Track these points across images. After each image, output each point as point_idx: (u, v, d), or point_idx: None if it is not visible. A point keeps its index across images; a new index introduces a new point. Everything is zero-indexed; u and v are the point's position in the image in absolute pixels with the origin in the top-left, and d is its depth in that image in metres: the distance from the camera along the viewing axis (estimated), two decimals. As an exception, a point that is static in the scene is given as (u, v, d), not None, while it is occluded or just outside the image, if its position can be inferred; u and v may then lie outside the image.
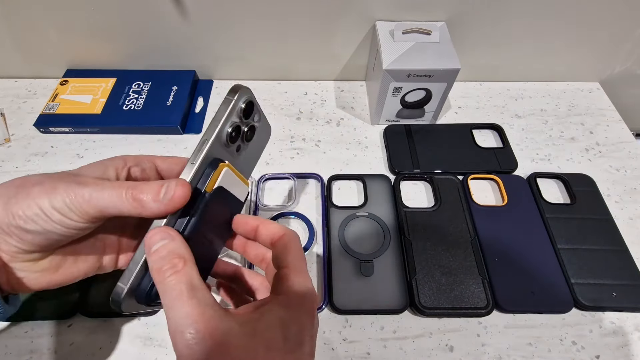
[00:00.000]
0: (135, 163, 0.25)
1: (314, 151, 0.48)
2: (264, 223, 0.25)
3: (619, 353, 0.34)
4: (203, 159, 0.21)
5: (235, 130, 0.23)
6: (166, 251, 0.20)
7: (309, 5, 0.46)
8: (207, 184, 0.22)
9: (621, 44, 0.51)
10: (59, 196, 0.20)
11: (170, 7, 0.46)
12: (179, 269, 0.19)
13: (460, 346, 0.34)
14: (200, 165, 0.21)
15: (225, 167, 0.23)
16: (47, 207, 0.20)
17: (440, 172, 0.45)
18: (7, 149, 0.47)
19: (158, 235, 0.20)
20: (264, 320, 0.20)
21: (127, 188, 0.20)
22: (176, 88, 0.51)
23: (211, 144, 0.22)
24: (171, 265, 0.19)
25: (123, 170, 0.24)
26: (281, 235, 0.24)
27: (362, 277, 0.37)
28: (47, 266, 0.23)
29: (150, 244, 0.20)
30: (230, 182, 0.23)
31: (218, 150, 0.23)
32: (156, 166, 0.26)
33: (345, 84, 0.56)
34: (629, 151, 0.48)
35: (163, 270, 0.19)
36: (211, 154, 0.22)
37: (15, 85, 0.54)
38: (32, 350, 0.33)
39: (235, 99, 0.22)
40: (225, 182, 0.23)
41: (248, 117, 0.24)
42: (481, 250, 0.38)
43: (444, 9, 0.46)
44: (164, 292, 0.19)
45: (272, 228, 0.25)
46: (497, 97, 0.54)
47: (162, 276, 0.19)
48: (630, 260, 0.38)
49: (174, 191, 0.20)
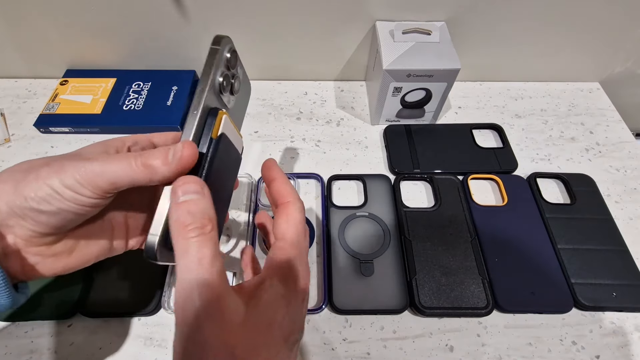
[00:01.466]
0: (133, 142, 0.26)
1: (314, 151, 0.48)
2: (278, 180, 0.25)
3: (619, 353, 0.34)
4: (204, 107, 0.22)
5: (225, 79, 0.24)
6: (197, 208, 0.19)
7: (309, 5, 0.46)
8: (212, 131, 0.22)
9: (621, 44, 0.51)
10: (69, 173, 0.20)
11: (170, 7, 0.46)
12: (206, 232, 0.19)
13: (460, 346, 0.34)
14: (202, 114, 0.22)
15: (224, 114, 0.23)
16: (58, 186, 0.20)
17: (440, 172, 0.45)
18: (7, 149, 0.47)
19: (191, 186, 0.20)
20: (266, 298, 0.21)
21: (135, 157, 0.21)
22: (176, 88, 0.51)
23: (207, 92, 0.22)
24: (200, 225, 0.19)
25: (123, 149, 0.25)
26: (286, 202, 0.24)
27: (362, 277, 0.37)
28: (61, 249, 0.23)
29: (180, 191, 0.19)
30: (229, 130, 0.24)
31: (213, 101, 0.23)
32: (153, 143, 0.27)
33: (345, 84, 0.56)
34: (629, 151, 0.48)
35: (189, 229, 0.19)
36: (208, 104, 0.22)
37: (15, 85, 0.54)
38: (32, 350, 0.33)
39: (220, 47, 0.23)
40: (226, 129, 0.23)
41: (233, 68, 0.25)
42: (481, 250, 0.38)
43: (444, 9, 0.46)
44: (184, 253, 0.18)
45: (282, 189, 0.25)
46: (497, 97, 0.54)
47: (187, 233, 0.18)
48: (630, 260, 0.38)
49: (181, 152, 0.20)
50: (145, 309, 0.35)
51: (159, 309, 0.36)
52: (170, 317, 0.35)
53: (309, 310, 0.35)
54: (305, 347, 0.34)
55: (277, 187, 0.25)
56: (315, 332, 0.35)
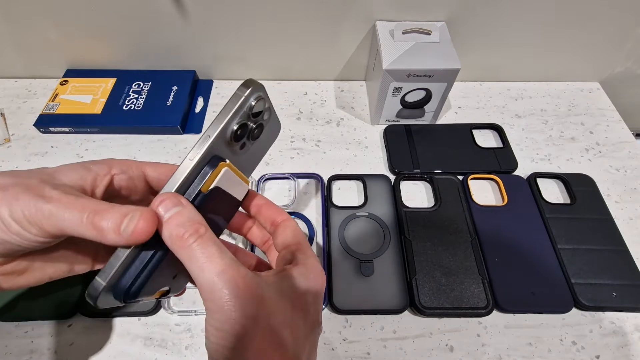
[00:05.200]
0: (121, 170, 0.23)
1: (314, 151, 0.48)
2: (267, 204, 0.26)
3: (619, 353, 0.34)
4: (203, 155, 0.20)
5: (242, 128, 0.21)
6: (184, 217, 0.19)
7: (309, 5, 0.46)
8: (203, 183, 0.21)
9: (621, 44, 0.51)
10: (19, 207, 0.19)
11: (170, 7, 0.46)
12: (202, 234, 0.19)
13: (460, 346, 0.34)
14: (199, 163, 0.20)
15: (225, 167, 0.21)
16: (5, 217, 0.19)
17: (440, 172, 0.45)
18: (7, 149, 0.47)
19: (168, 202, 0.19)
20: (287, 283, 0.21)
21: (89, 212, 0.19)
22: (176, 88, 0.51)
23: (213, 141, 0.20)
24: (194, 231, 0.19)
25: (104, 178, 0.23)
26: (284, 219, 0.25)
27: (362, 277, 0.37)
28: (10, 270, 0.22)
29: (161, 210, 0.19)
30: (229, 182, 0.22)
31: (220, 148, 0.21)
32: (145, 175, 0.24)
33: (345, 84, 0.56)
34: (629, 151, 0.48)
35: (185, 237, 0.19)
36: (212, 151, 0.21)
37: (15, 85, 0.54)
38: (32, 350, 0.33)
39: (245, 95, 0.21)
40: (223, 183, 0.22)
41: (257, 116, 0.22)
42: (481, 250, 0.38)
43: (444, 9, 0.46)
44: (191, 258, 0.18)
45: (275, 210, 0.26)
46: (497, 97, 0.54)
47: (185, 242, 0.19)
48: (630, 260, 0.38)
49: (135, 226, 0.18)
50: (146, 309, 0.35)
51: (159, 309, 0.36)
52: (170, 317, 0.35)
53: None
54: (305, 347, 0.34)
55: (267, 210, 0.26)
56: (315, 332, 0.35)
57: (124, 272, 0.20)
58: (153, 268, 0.20)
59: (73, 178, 0.21)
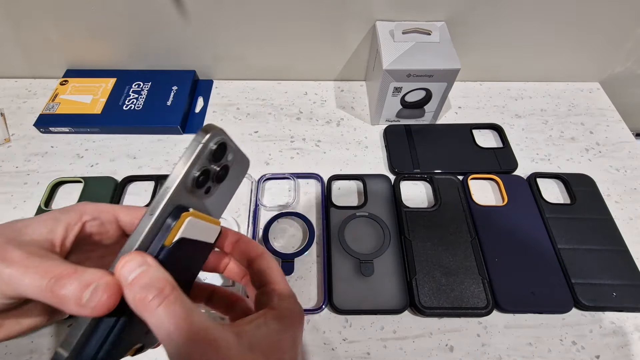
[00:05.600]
0: (93, 216, 0.22)
1: (314, 151, 0.48)
2: (241, 240, 0.25)
3: (619, 353, 0.34)
4: (164, 208, 0.19)
5: (204, 174, 0.20)
6: (147, 278, 0.18)
7: (309, 5, 0.46)
8: (166, 237, 0.19)
9: (621, 44, 0.51)
10: None
11: (170, 7, 0.46)
12: (167, 294, 0.18)
13: (460, 346, 0.34)
14: (159, 217, 0.19)
15: (189, 216, 0.20)
16: None
17: (440, 172, 0.45)
18: (7, 149, 0.47)
19: (132, 263, 0.18)
20: (260, 332, 0.20)
21: (50, 279, 0.18)
22: (176, 88, 0.51)
23: (173, 192, 0.19)
24: (158, 292, 0.17)
25: (75, 227, 0.22)
26: (260, 253, 0.25)
27: (362, 277, 0.37)
28: None
29: (125, 272, 0.18)
30: (195, 230, 0.21)
31: (183, 196, 0.20)
32: (118, 219, 0.23)
33: (345, 84, 0.56)
34: (629, 151, 0.48)
35: (148, 301, 0.17)
36: (173, 202, 0.20)
37: (15, 85, 0.54)
38: (32, 350, 0.33)
39: (204, 141, 0.19)
40: (188, 232, 0.20)
41: (219, 160, 0.21)
42: (481, 250, 0.38)
43: (444, 9, 0.46)
44: (158, 324, 0.17)
45: (249, 245, 0.25)
46: (497, 97, 0.54)
47: (149, 306, 0.17)
48: (630, 260, 0.38)
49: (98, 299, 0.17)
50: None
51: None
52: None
53: (309, 310, 0.35)
54: (305, 347, 0.34)
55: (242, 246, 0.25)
56: (315, 332, 0.35)
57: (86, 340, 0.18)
58: (119, 332, 0.19)
59: (42, 232, 0.21)
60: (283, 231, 0.41)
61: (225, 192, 0.24)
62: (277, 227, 0.41)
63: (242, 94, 0.54)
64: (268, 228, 0.40)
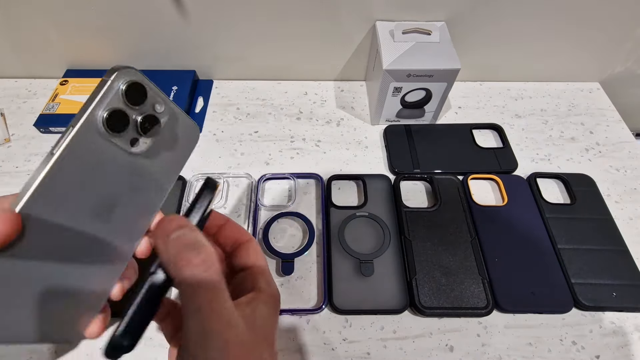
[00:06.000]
0: None
1: (314, 151, 0.48)
2: (230, 223, 0.25)
3: (619, 353, 0.34)
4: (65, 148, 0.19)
5: (115, 115, 0.19)
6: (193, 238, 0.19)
7: (309, 5, 0.46)
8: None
9: (621, 44, 0.51)
10: None
11: (170, 7, 0.46)
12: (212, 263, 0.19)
13: (460, 346, 0.34)
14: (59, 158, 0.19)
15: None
16: None
17: (440, 172, 0.45)
18: (7, 149, 0.47)
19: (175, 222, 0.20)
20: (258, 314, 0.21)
21: None
22: (176, 88, 0.51)
23: (78, 130, 0.18)
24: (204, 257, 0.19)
25: None
26: (249, 238, 0.25)
27: (362, 277, 0.37)
28: None
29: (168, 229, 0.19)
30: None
31: (94, 139, 0.19)
32: None
33: (345, 84, 0.56)
34: (629, 151, 0.48)
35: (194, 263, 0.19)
36: (82, 143, 0.19)
37: (15, 85, 0.54)
38: (32, 350, 0.33)
39: (111, 79, 0.19)
40: None
41: (137, 104, 0.20)
42: (481, 250, 0.38)
43: (444, 9, 0.46)
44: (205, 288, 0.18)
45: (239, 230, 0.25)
46: (497, 97, 0.54)
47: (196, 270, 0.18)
48: (630, 260, 0.38)
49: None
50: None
51: (159, 309, 0.36)
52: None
53: (310, 310, 0.35)
54: (305, 347, 0.34)
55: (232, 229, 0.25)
56: (315, 332, 0.35)
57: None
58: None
59: None
60: (283, 231, 0.41)
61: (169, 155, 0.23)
62: (277, 227, 0.41)
63: (242, 94, 0.54)
64: (268, 228, 0.40)
